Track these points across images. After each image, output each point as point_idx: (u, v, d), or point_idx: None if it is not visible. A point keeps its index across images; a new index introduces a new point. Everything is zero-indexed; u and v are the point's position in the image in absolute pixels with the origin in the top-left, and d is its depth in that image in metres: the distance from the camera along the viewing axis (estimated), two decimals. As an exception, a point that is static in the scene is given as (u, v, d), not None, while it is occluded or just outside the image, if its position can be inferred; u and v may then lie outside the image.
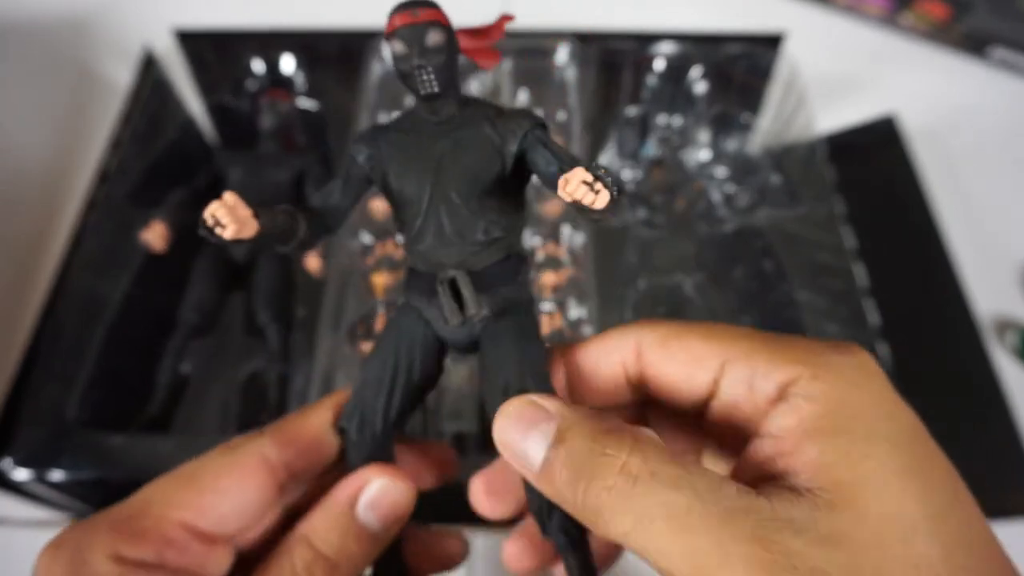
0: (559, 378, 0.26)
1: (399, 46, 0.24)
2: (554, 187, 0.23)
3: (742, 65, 0.57)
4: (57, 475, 0.41)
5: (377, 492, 0.25)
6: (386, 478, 0.25)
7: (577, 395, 0.26)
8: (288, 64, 0.59)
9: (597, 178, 0.21)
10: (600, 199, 0.21)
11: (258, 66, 0.58)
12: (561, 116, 0.55)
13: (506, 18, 0.26)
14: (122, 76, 0.61)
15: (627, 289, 0.51)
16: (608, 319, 0.48)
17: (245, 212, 0.22)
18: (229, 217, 0.22)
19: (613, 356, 0.25)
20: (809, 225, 0.50)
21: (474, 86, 0.57)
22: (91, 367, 0.46)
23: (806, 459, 0.19)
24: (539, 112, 0.56)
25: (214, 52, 0.60)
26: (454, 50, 0.25)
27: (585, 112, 0.56)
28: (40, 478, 0.41)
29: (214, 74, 0.60)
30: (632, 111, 0.56)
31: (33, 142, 0.65)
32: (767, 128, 0.57)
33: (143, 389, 0.47)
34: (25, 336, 0.47)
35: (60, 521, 0.46)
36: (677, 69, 0.58)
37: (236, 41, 0.59)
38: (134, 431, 0.44)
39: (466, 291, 0.25)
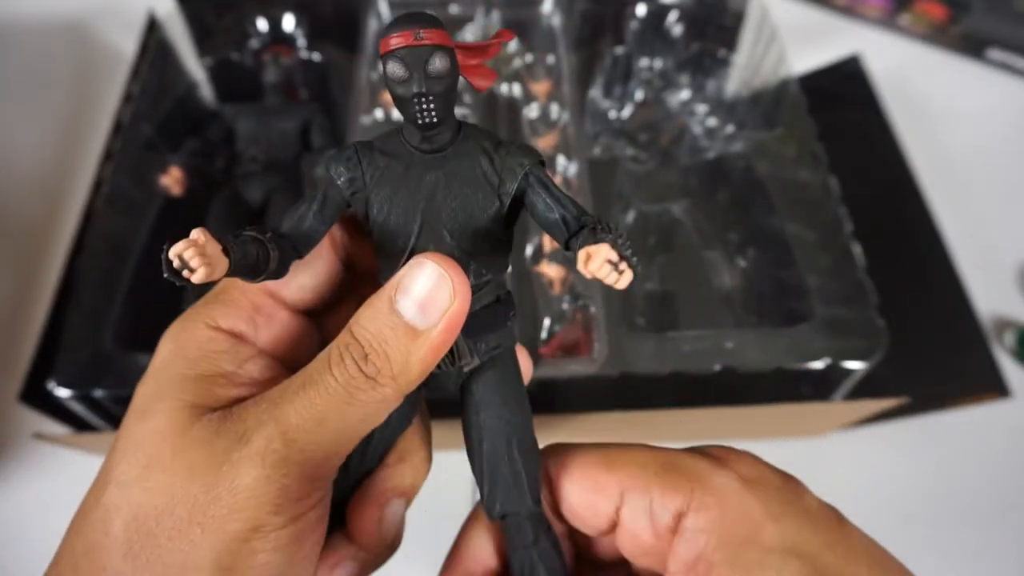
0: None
1: (398, 69, 0.22)
2: (551, 232, 0.23)
3: (717, 9, 0.61)
4: (99, 393, 0.43)
5: (411, 277, 0.22)
6: (427, 263, 0.22)
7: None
8: (288, 22, 0.62)
9: (623, 257, 0.20)
10: (624, 279, 0.20)
11: (260, 24, 0.61)
12: (550, 60, 0.59)
13: (503, 34, 0.24)
14: (129, 45, 0.64)
15: (621, 216, 0.55)
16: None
17: (215, 249, 0.20)
18: (199, 259, 0.20)
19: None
20: (786, 142, 0.54)
21: (467, 35, 0.60)
22: (121, 302, 0.48)
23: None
24: (528, 58, 0.60)
25: (215, 15, 0.63)
26: (456, 76, 0.23)
27: (571, 56, 0.59)
28: (82, 396, 0.43)
29: (215, 35, 0.62)
30: (618, 50, 0.60)
31: (51, 102, 0.70)
32: (743, 64, 0.61)
33: (169, 322, 0.50)
34: (57, 274, 0.50)
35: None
36: (656, 16, 0.62)
37: (236, 3, 0.62)
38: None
39: (459, 339, 0.24)
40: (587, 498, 0.24)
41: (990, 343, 0.53)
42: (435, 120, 0.22)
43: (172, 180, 0.52)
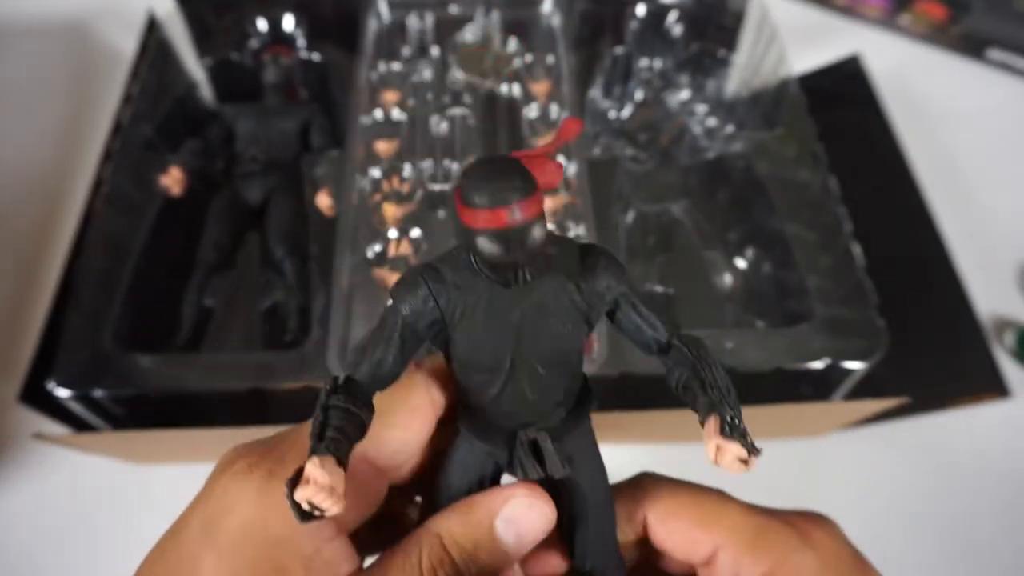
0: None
1: (491, 247, 0.20)
2: (646, 350, 0.24)
3: (717, 9, 0.61)
4: (98, 393, 0.43)
5: (519, 509, 0.24)
6: (531, 498, 0.24)
7: None
8: (288, 22, 0.62)
9: (751, 452, 0.21)
10: (753, 465, 0.21)
11: (260, 24, 0.61)
12: (550, 60, 0.59)
13: (572, 122, 0.22)
14: (129, 45, 0.64)
15: (621, 216, 0.55)
16: (604, 238, 0.51)
17: (331, 470, 0.19)
18: (331, 500, 0.19)
19: (623, 526, 0.27)
20: (786, 142, 0.54)
21: (467, 35, 0.60)
22: (120, 302, 0.48)
23: None
24: (527, 58, 0.60)
25: (214, 15, 0.63)
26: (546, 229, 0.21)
27: (571, 56, 0.59)
28: (82, 396, 0.43)
29: (215, 35, 0.62)
30: (617, 50, 0.60)
31: (50, 103, 0.70)
32: (743, 64, 0.61)
33: (170, 322, 0.50)
34: (57, 274, 0.50)
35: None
36: (656, 16, 0.62)
37: (236, 3, 0.62)
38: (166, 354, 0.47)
39: (549, 454, 0.24)
40: (678, 547, 0.26)
41: (990, 343, 0.53)
42: (530, 280, 0.22)
43: (172, 180, 0.52)
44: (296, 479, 0.19)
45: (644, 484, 0.27)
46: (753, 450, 0.21)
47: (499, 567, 0.24)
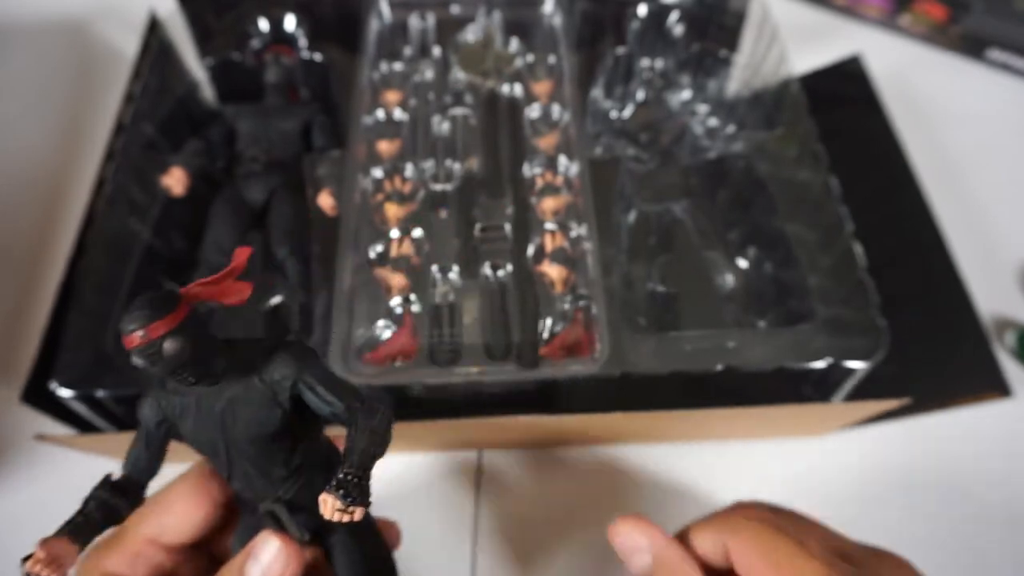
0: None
1: (138, 361, 0.25)
2: (334, 420, 0.27)
3: (718, 9, 0.61)
4: (100, 393, 0.43)
5: (264, 554, 0.29)
6: (273, 543, 0.29)
7: None
8: (289, 22, 0.62)
9: (348, 502, 0.24)
10: (357, 515, 0.24)
11: (261, 24, 0.61)
12: (551, 60, 0.59)
13: (243, 253, 0.27)
14: (130, 45, 0.64)
15: (623, 216, 0.55)
16: (605, 238, 0.51)
17: (60, 549, 0.26)
18: (48, 570, 0.25)
19: (706, 547, 0.32)
20: (787, 142, 0.54)
21: (468, 35, 0.60)
22: (122, 302, 0.48)
23: None
24: (529, 59, 0.60)
25: (215, 15, 0.62)
26: (198, 334, 0.26)
27: (572, 57, 0.59)
28: (84, 397, 0.43)
29: (216, 35, 0.62)
30: (619, 50, 0.60)
31: (52, 103, 0.71)
32: (744, 64, 0.61)
33: (171, 322, 0.50)
34: (58, 274, 0.50)
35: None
36: (657, 16, 0.62)
37: (237, 3, 0.62)
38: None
39: (286, 522, 0.29)
40: None
41: (991, 343, 0.53)
42: (195, 381, 0.26)
43: (173, 180, 0.52)
44: (30, 556, 0.25)
45: (732, 519, 0.31)
46: (355, 503, 0.24)
47: None
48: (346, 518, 0.24)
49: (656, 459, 0.51)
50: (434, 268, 0.48)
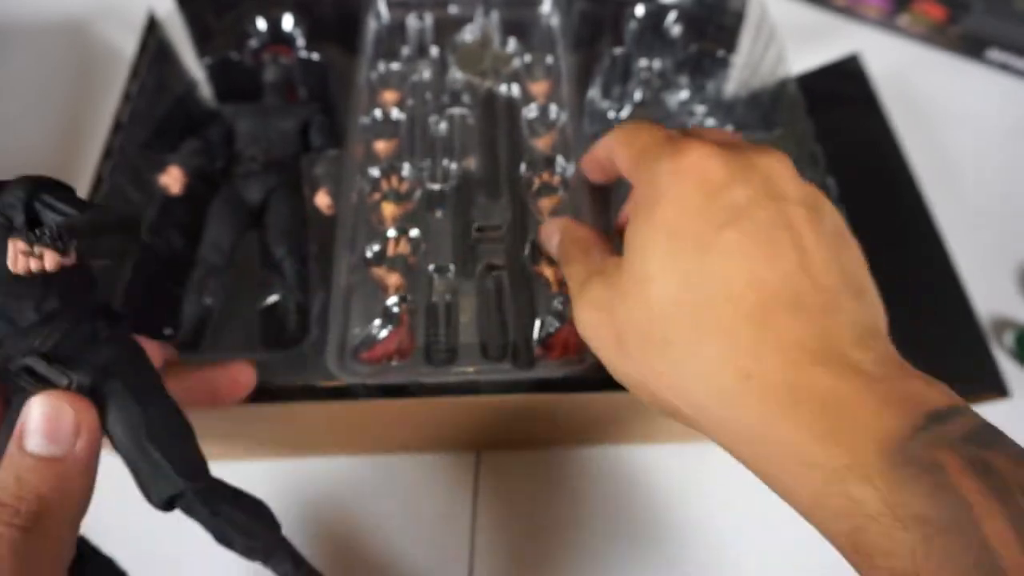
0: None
1: None
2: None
3: (716, 9, 0.61)
4: (97, 392, 0.43)
5: (36, 419, 0.24)
6: (39, 400, 0.24)
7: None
8: (288, 22, 0.62)
9: (36, 240, 0.21)
10: (48, 261, 0.22)
11: (259, 24, 0.61)
12: (549, 60, 0.59)
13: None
14: (129, 45, 0.64)
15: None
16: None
17: None
18: None
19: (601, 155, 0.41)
20: (785, 143, 0.53)
21: (466, 35, 0.60)
22: (120, 301, 0.48)
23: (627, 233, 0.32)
24: (527, 58, 0.60)
25: (214, 14, 0.63)
26: None
27: (570, 57, 0.59)
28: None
29: (215, 35, 0.63)
30: (616, 51, 0.60)
31: (50, 102, 0.70)
32: (742, 64, 0.61)
33: (170, 321, 0.50)
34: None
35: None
36: (655, 16, 0.62)
37: (235, 2, 0.62)
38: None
39: (47, 373, 0.24)
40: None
41: (989, 343, 0.53)
42: None
43: (171, 179, 0.52)
44: None
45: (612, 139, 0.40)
46: (45, 244, 0.22)
47: (69, 471, 0.24)
48: (34, 264, 0.21)
49: (655, 460, 0.51)
50: (431, 267, 0.48)
